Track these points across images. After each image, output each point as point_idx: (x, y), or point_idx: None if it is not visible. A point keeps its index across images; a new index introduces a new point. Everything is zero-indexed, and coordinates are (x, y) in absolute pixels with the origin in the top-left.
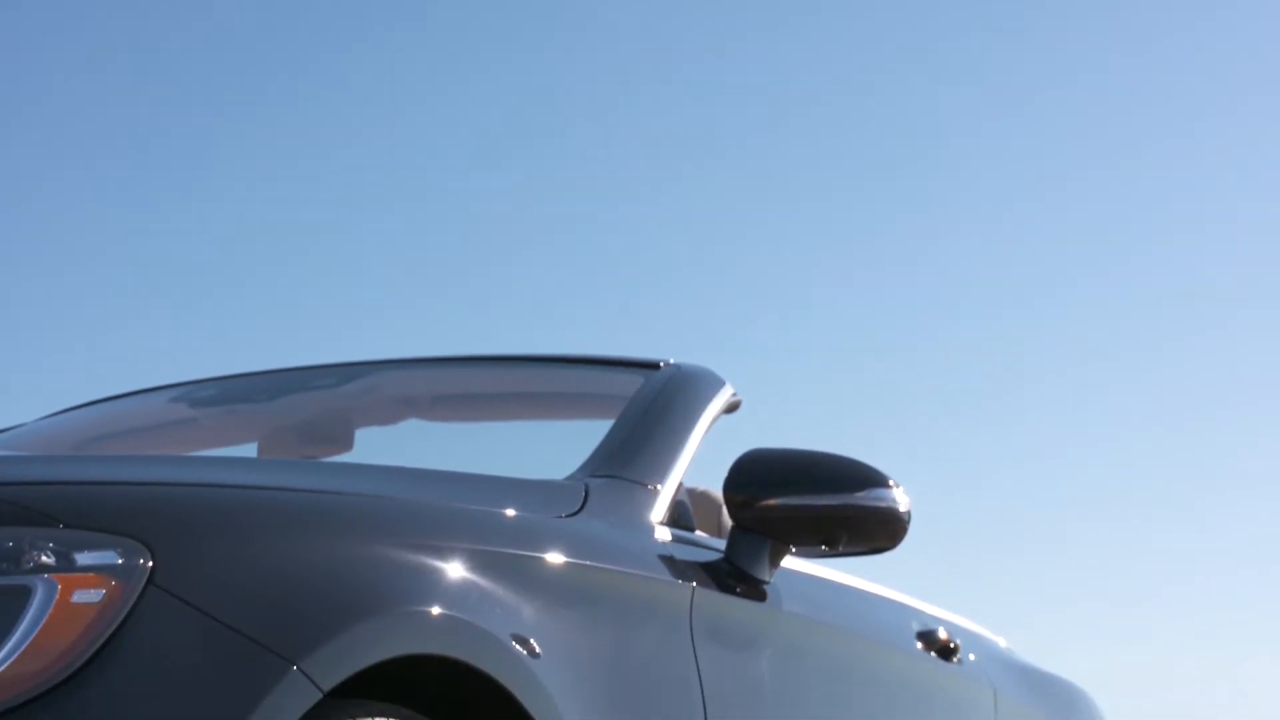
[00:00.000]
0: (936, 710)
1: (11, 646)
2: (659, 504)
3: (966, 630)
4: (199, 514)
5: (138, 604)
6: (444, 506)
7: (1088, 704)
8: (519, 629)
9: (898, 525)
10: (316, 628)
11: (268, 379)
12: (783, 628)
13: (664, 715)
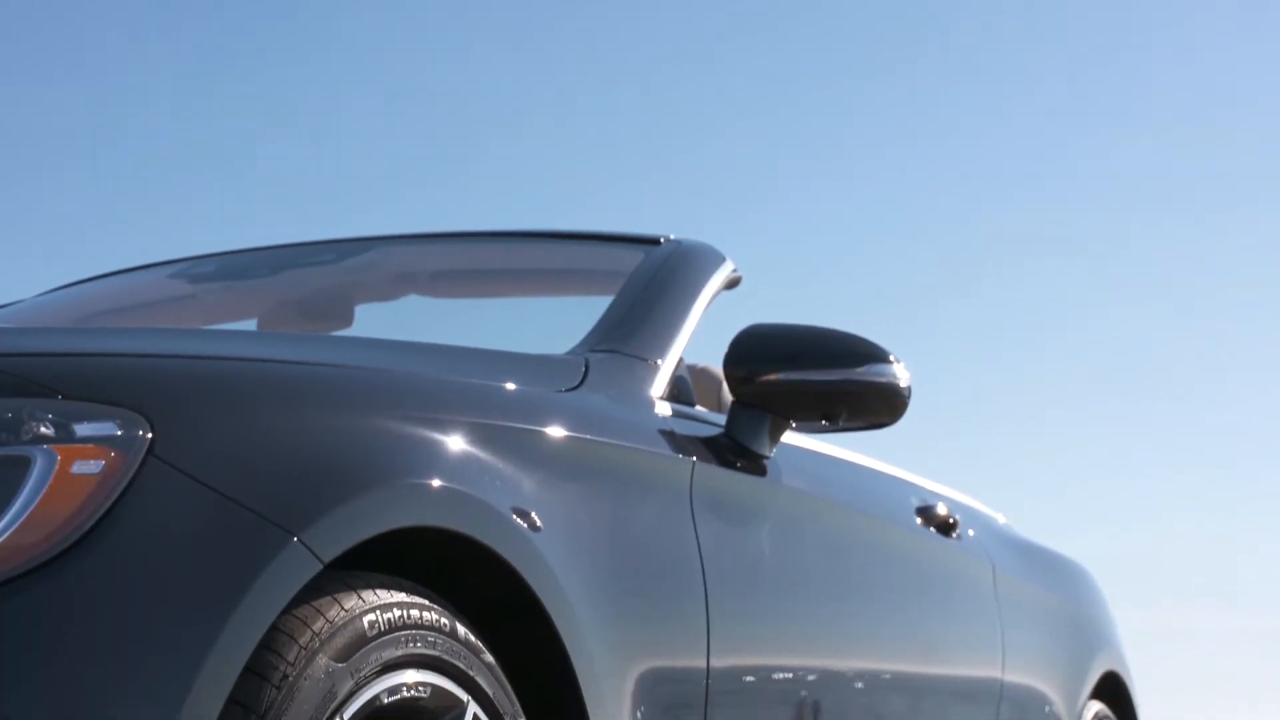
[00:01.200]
0: (935, 585)
1: (11, 517)
2: (659, 379)
3: (965, 506)
4: (199, 386)
5: (137, 475)
6: (444, 380)
7: (1086, 579)
8: (519, 502)
9: (898, 400)
10: (317, 499)
11: (267, 255)
12: (782, 502)
13: (664, 588)
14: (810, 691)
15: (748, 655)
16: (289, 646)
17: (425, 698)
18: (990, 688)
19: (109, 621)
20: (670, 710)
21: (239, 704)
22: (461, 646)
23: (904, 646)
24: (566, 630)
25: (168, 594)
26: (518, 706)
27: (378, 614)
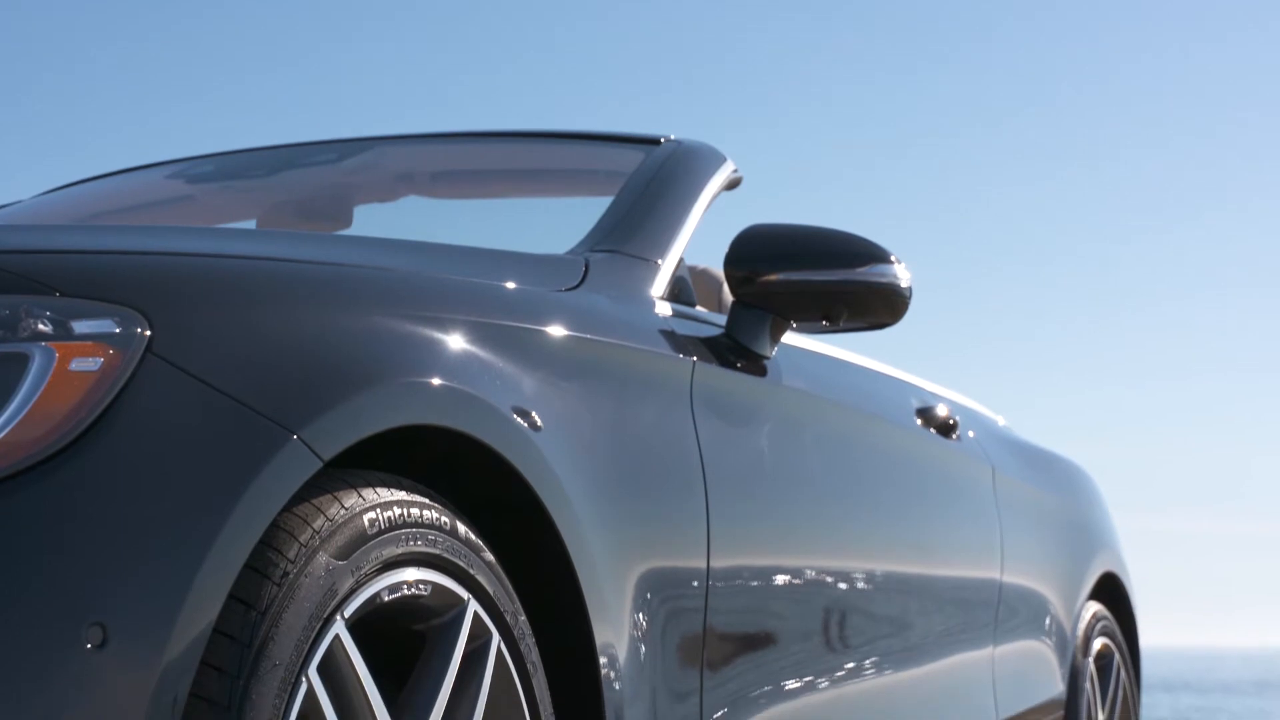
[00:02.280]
0: (935, 485)
1: (10, 414)
2: (659, 278)
3: (965, 407)
4: (197, 283)
5: (136, 373)
6: (444, 278)
7: (1085, 481)
8: (520, 401)
9: (899, 301)
10: (316, 397)
11: (266, 155)
12: (782, 402)
13: (664, 488)
14: (809, 591)
15: (747, 555)
16: (289, 544)
17: (426, 595)
18: (989, 588)
19: (109, 518)
20: (670, 610)
21: (240, 600)
22: (462, 545)
23: (903, 547)
24: (567, 529)
25: (168, 491)
26: (518, 605)
27: (378, 512)
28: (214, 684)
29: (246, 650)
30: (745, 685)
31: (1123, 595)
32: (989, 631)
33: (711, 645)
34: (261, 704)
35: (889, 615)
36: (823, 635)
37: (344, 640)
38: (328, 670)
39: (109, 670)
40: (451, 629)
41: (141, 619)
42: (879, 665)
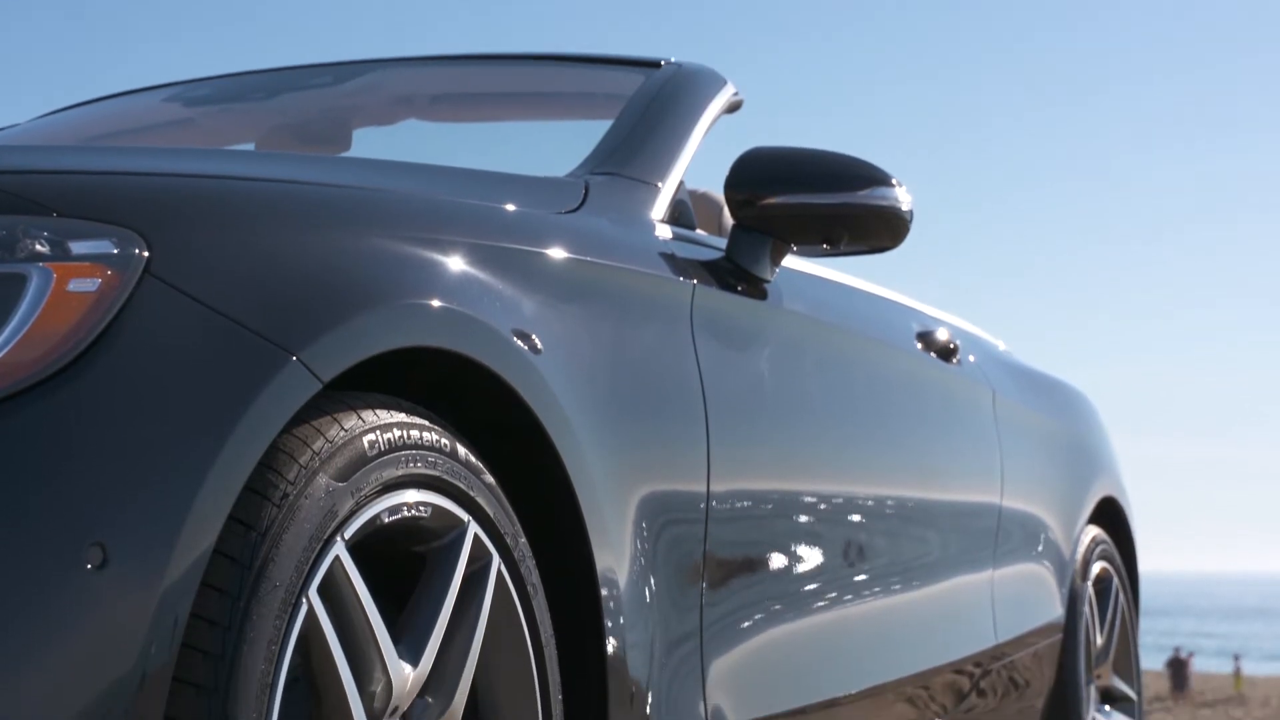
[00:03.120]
0: (935, 409)
1: (8, 335)
2: (659, 201)
3: (966, 332)
4: (196, 204)
5: (134, 294)
6: (444, 200)
7: (1086, 406)
8: (520, 324)
9: (899, 224)
10: (315, 318)
11: (264, 78)
12: (783, 326)
13: (664, 411)
14: (809, 515)
15: (747, 479)
16: (289, 465)
17: (426, 517)
18: (988, 512)
19: (108, 439)
20: (670, 533)
21: (240, 522)
22: (462, 467)
23: (903, 471)
24: (567, 452)
25: (167, 412)
26: (518, 527)
27: (378, 434)
28: (214, 604)
29: (247, 571)
30: (744, 608)
31: (1122, 520)
32: (988, 555)
33: (711, 568)
34: (262, 624)
35: (888, 538)
36: (822, 558)
37: (344, 561)
38: (328, 591)
39: (109, 591)
40: (451, 551)
41: (141, 540)
42: (878, 587)
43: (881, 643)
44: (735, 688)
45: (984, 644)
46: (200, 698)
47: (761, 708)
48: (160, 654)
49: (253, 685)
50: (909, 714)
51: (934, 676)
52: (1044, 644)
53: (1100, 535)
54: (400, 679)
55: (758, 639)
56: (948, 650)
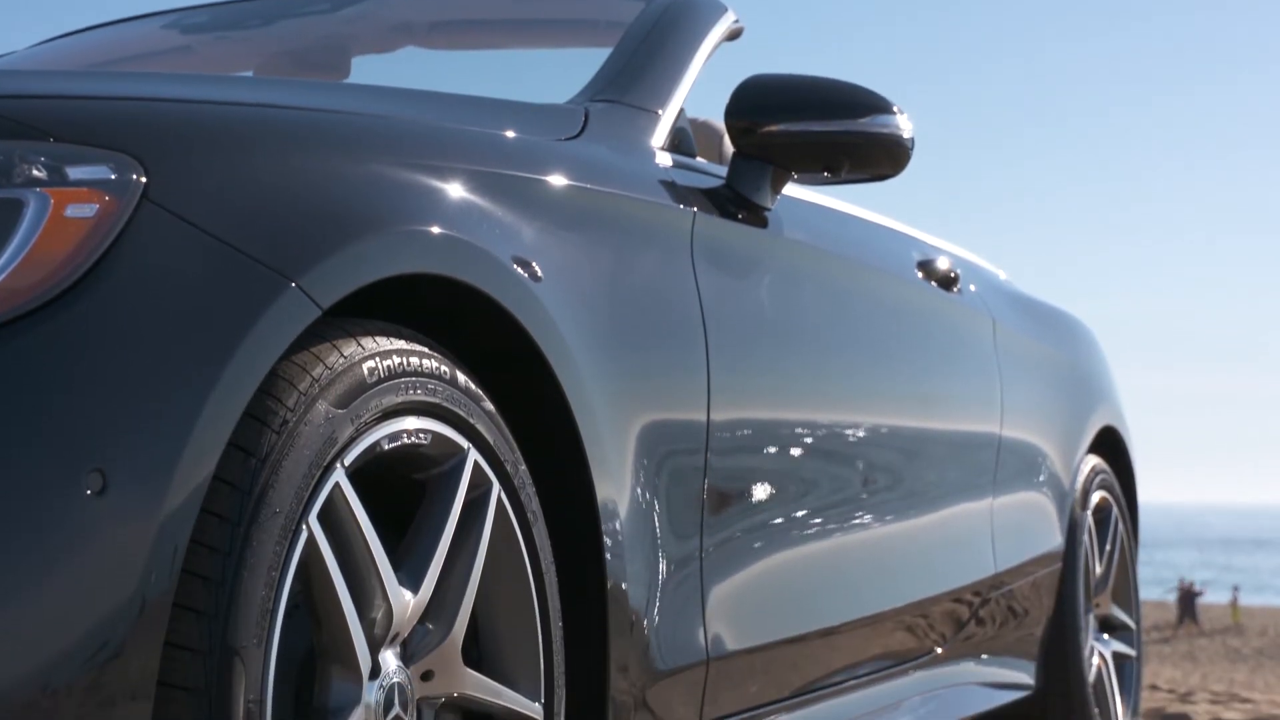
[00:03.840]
0: (935, 338)
1: (5, 260)
2: (660, 129)
3: (966, 261)
4: (194, 129)
5: (132, 219)
6: (443, 127)
7: (1086, 335)
8: (520, 251)
9: (900, 152)
10: (315, 244)
11: (262, 5)
12: (783, 254)
13: (665, 340)
14: (809, 444)
15: (748, 408)
16: (288, 392)
17: (426, 444)
18: (988, 441)
19: (107, 365)
20: (670, 462)
21: (239, 448)
22: (461, 394)
23: (903, 400)
24: (567, 381)
25: (165, 338)
26: (518, 454)
27: (377, 361)
28: (214, 531)
29: (247, 498)
30: (744, 536)
31: (1122, 449)
32: (988, 484)
33: (711, 497)
34: (262, 551)
35: (888, 467)
36: (822, 487)
37: (344, 488)
38: (328, 518)
39: (109, 517)
40: (451, 478)
41: (141, 466)
42: (877, 516)
43: (881, 571)
44: (735, 616)
45: (983, 573)
46: (200, 623)
47: (761, 635)
48: (160, 580)
49: (253, 611)
50: (908, 642)
51: (933, 605)
52: (1043, 573)
53: (1100, 464)
54: (400, 605)
55: (758, 567)
56: (947, 579)
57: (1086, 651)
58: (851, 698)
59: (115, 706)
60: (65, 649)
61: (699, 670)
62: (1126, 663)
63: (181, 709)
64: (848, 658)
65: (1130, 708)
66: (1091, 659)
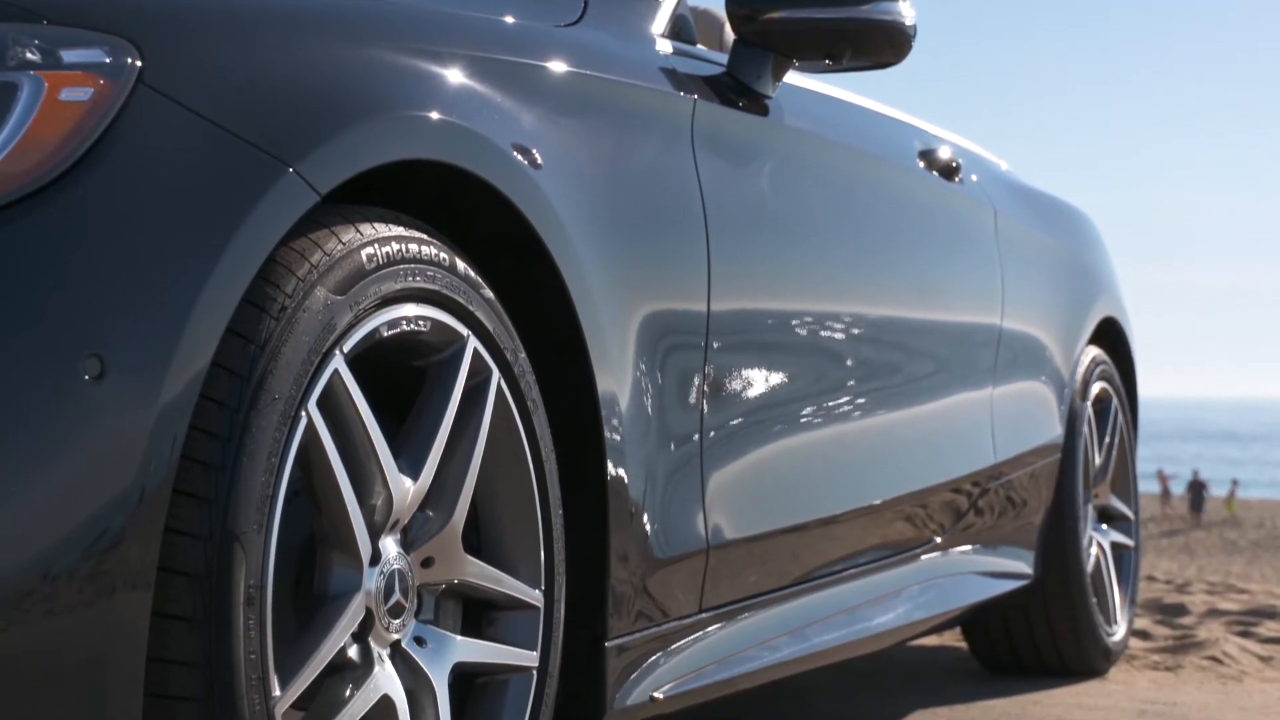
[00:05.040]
0: (937, 228)
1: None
2: (660, 15)
3: (968, 151)
4: (189, 13)
5: (127, 104)
6: (442, 11)
7: (1087, 225)
8: (519, 138)
9: (902, 39)
10: (313, 130)
11: None
12: (784, 142)
13: (665, 229)
14: (809, 334)
15: (748, 298)
16: (287, 278)
17: (425, 331)
18: (989, 331)
19: (103, 251)
20: (670, 353)
21: (238, 334)
22: (461, 281)
23: (904, 289)
24: (568, 269)
25: (162, 224)
26: (518, 342)
27: (376, 247)
28: (214, 417)
29: (246, 384)
30: (744, 427)
31: (1122, 340)
32: (988, 374)
33: (711, 387)
34: (261, 437)
35: (888, 357)
36: (822, 377)
37: (343, 375)
38: (327, 404)
39: (108, 402)
40: (451, 365)
41: (139, 352)
42: (877, 406)
43: (880, 461)
44: (735, 506)
45: (983, 463)
46: (200, 509)
47: (761, 525)
48: (160, 466)
49: (253, 496)
50: (907, 532)
51: (932, 495)
52: (1042, 463)
53: (1100, 356)
54: (400, 492)
55: (758, 458)
56: (946, 469)
57: (1085, 541)
58: (851, 586)
59: (115, 594)
60: (64, 536)
61: (699, 559)
62: (1125, 553)
63: (182, 594)
64: (847, 547)
65: (1128, 597)
66: (1090, 549)
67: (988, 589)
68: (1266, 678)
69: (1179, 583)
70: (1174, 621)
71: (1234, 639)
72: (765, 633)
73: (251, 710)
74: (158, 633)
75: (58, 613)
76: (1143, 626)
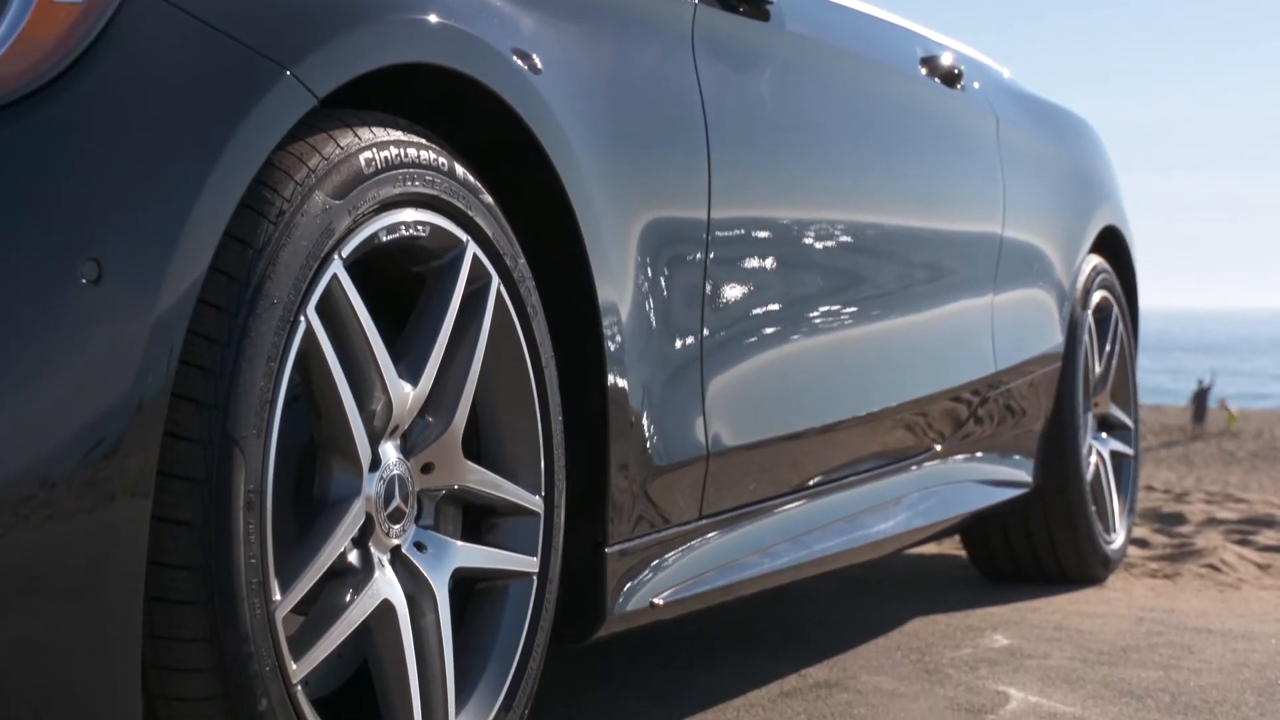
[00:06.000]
0: (938, 135)
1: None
2: None
3: (970, 58)
4: None
5: (123, 5)
6: None
7: (1089, 133)
8: (519, 43)
9: None
10: (311, 33)
11: None
12: (785, 48)
13: (665, 136)
14: (809, 241)
15: (748, 206)
16: (284, 183)
17: (424, 237)
18: (990, 240)
19: (100, 154)
20: (670, 262)
21: (236, 239)
22: (460, 186)
23: (905, 197)
24: (568, 176)
25: (159, 127)
26: (517, 248)
27: (374, 152)
28: (212, 322)
29: (244, 288)
30: (744, 335)
31: (1123, 249)
32: (988, 283)
33: (711, 295)
34: (260, 341)
35: (888, 265)
36: (822, 285)
37: (342, 279)
38: (326, 309)
39: (105, 306)
40: (450, 270)
41: (137, 255)
42: (877, 314)
43: (880, 369)
44: (735, 413)
45: (983, 371)
46: (200, 414)
47: (761, 432)
48: (158, 370)
49: (252, 401)
50: (907, 440)
51: (932, 403)
52: (1042, 372)
53: (1101, 264)
54: (400, 398)
55: (758, 366)
56: (946, 377)
57: (1084, 450)
58: (851, 494)
59: (115, 500)
60: (63, 441)
61: (699, 466)
62: (1124, 461)
63: (182, 499)
64: (847, 455)
65: (1127, 506)
66: (1089, 458)
67: (987, 497)
68: (1264, 585)
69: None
70: (1172, 530)
71: (1232, 547)
72: (765, 539)
73: (252, 614)
74: (158, 537)
75: (58, 519)
76: (1141, 535)
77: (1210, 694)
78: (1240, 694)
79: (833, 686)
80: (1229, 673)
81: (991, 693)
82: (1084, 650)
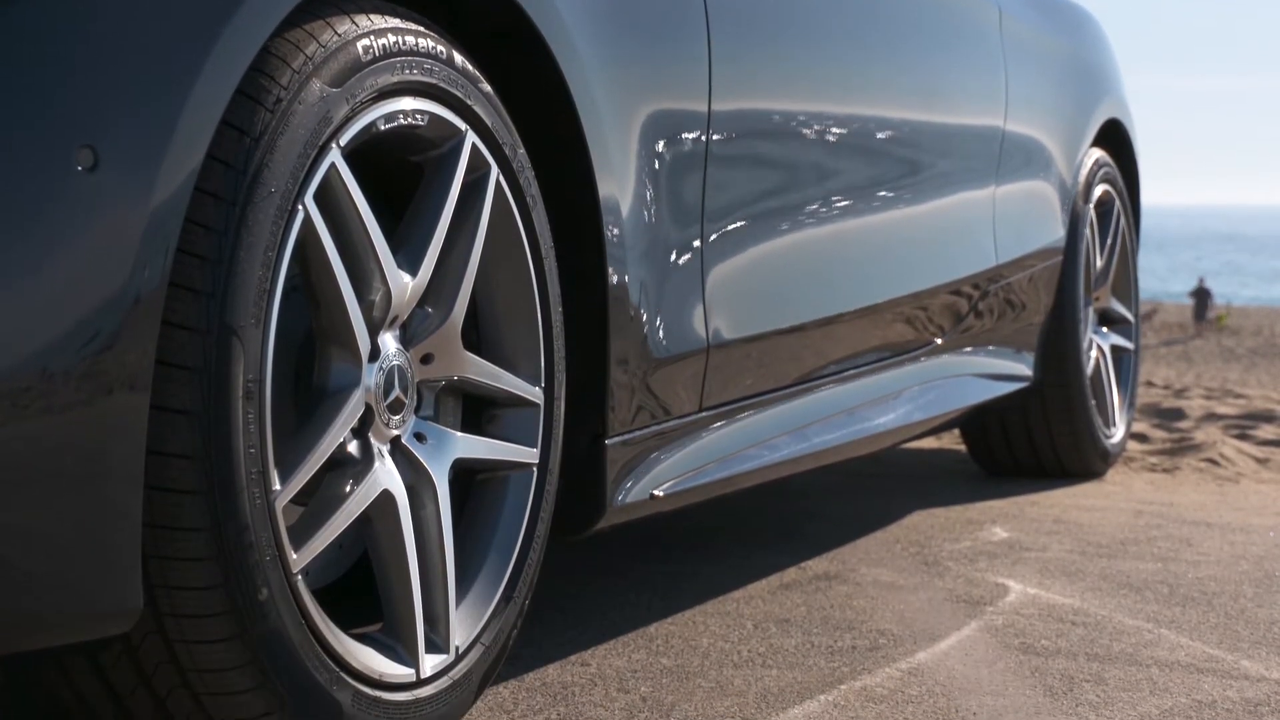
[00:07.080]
0: (939, 27)
1: None
2: None
3: None
4: None
5: None
6: None
7: (1092, 25)
8: None
9: None
10: None
11: None
12: None
13: (666, 24)
14: (810, 134)
15: (749, 98)
16: (281, 70)
17: (423, 126)
18: (992, 133)
19: (93, 40)
20: (671, 154)
21: (233, 126)
22: (459, 75)
23: (907, 89)
24: (568, 66)
25: (154, 12)
26: (517, 138)
27: (372, 39)
28: (210, 210)
29: (241, 177)
30: (745, 228)
31: (1126, 143)
32: (990, 176)
33: (712, 189)
34: (258, 230)
35: (889, 158)
36: (823, 177)
37: (340, 168)
38: (324, 198)
39: (101, 194)
40: (449, 160)
41: (133, 143)
42: (878, 208)
43: (881, 262)
44: (735, 306)
45: (984, 265)
46: (198, 302)
47: (761, 325)
48: (156, 259)
49: (250, 290)
50: (907, 333)
51: (932, 297)
52: (1043, 266)
53: (1103, 158)
54: (399, 288)
55: (759, 259)
56: (947, 271)
57: (1085, 344)
58: (851, 387)
59: (113, 391)
60: (61, 331)
61: (699, 358)
62: (1124, 356)
63: (180, 388)
64: (847, 348)
65: (1127, 400)
66: (1090, 352)
67: (987, 391)
68: (1262, 479)
69: (1177, 388)
70: (1172, 425)
71: (1231, 442)
72: (765, 432)
73: (251, 504)
74: (157, 426)
75: (56, 410)
76: (1141, 430)
77: (1208, 585)
78: (1238, 585)
79: (832, 579)
80: (1227, 565)
81: (990, 584)
82: (1083, 543)
